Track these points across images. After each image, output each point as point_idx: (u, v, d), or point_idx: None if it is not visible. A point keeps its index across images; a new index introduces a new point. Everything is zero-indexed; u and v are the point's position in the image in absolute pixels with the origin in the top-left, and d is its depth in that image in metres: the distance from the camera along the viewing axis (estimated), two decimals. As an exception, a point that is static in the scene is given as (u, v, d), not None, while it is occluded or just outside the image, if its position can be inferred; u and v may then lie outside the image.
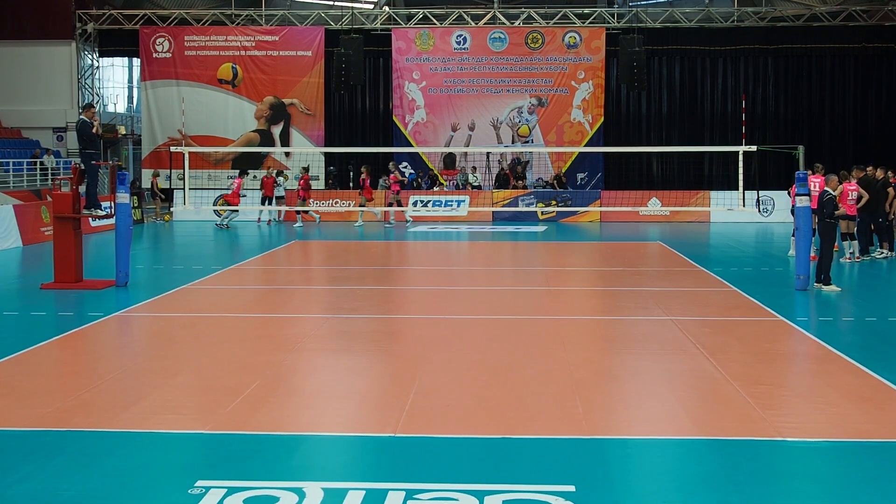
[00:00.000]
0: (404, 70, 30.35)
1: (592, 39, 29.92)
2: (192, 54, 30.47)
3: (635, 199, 27.05)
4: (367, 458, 6.27)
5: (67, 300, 12.94)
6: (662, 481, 5.80)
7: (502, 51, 30.09)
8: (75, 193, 14.17)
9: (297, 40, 30.44)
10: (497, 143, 30.24)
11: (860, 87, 30.53)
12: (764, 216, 26.36)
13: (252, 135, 30.52)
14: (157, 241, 23.06)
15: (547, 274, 16.26)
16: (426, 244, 22.34)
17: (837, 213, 13.96)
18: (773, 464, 6.05)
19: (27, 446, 6.34)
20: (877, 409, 7.36)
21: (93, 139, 14.47)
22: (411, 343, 10.32)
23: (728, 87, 30.71)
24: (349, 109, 31.33)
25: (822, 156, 26.28)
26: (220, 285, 14.69)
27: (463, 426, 6.84)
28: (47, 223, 20.85)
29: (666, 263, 17.53)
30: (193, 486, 5.52)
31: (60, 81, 30.47)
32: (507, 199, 27.80)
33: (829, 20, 29.63)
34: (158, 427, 6.73)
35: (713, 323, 11.08)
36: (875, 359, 8.94)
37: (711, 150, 28.22)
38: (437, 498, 5.39)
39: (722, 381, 8.16)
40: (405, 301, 13.86)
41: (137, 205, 26.53)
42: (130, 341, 10.69)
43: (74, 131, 18.45)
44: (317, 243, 22.19)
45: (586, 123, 30.08)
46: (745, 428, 6.78)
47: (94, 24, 30.74)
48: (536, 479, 5.69)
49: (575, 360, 8.96)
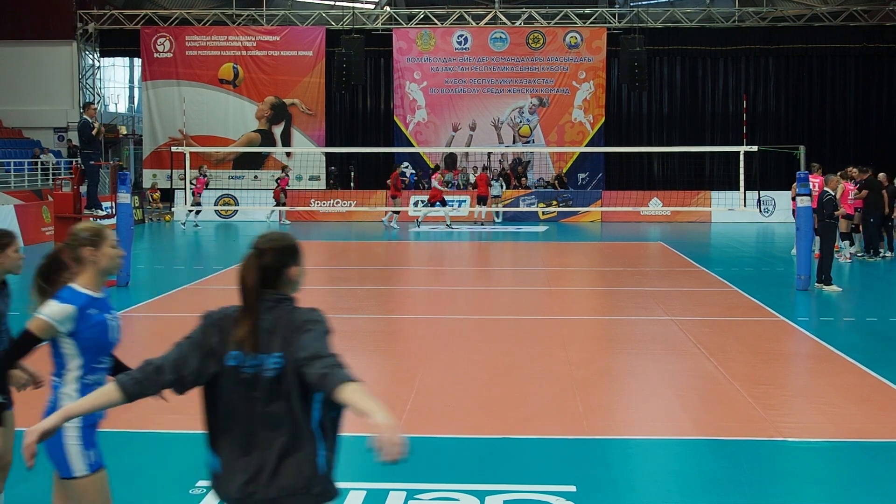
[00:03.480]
0: (405, 70, 30.35)
1: (593, 39, 29.91)
2: (193, 54, 30.47)
3: (636, 200, 27.06)
4: (367, 458, 6.26)
5: (68, 300, 12.94)
6: (663, 481, 5.80)
7: (503, 51, 30.09)
8: (76, 193, 14.19)
9: (298, 40, 30.44)
10: (498, 143, 30.24)
11: (861, 87, 30.51)
12: (765, 216, 26.36)
13: (253, 135, 30.51)
14: (157, 241, 23.06)
15: (548, 274, 16.26)
16: (426, 244, 22.34)
17: (837, 213, 13.95)
18: (774, 464, 6.05)
19: (28, 446, 6.34)
20: (877, 409, 7.36)
21: (92, 140, 14.48)
22: (412, 343, 10.32)
23: (729, 87, 30.70)
24: (350, 109, 31.32)
25: (823, 156, 26.26)
26: (221, 285, 14.68)
27: (464, 426, 6.85)
28: (48, 223, 20.86)
29: (667, 263, 17.52)
30: (195, 486, 5.53)
31: (61, 81, 30.47)
32: (508, 200, 27.79)
33: (830, 20, 29.62)
34: (159, 427, 6.73)
35: (714, 323, 11.08)
36: (876, 359, 8.93)
37: (712, 150, 28.21)
38: (438, 498, 5.39)
39: (722, 381, 8.15)
40: (406, 301, 13.86)
41: (138, 205, 26.56)
42: (131, 341, 10.68)
43: (76, 131, 18.48)
44: (317, 243, 22.19)
45: (587, 123, 30.07)
46: (746, 428, 6.78)
47: (95, 24, 30.75)
48: (537, 479, 5.69)
49: (575, 360, 8.96)
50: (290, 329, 3.07)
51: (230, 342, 3.08)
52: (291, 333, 3.06)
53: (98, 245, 3.79)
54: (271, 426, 3.04)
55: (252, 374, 3.05)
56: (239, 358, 3.06)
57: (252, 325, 3.06)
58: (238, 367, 3.06)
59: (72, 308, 3.73)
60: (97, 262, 3.80)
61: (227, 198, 28.98)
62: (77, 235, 3.81)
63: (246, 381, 3.06)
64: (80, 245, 3.79)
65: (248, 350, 3.05)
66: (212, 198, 28.43)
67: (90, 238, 3.79)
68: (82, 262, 3.80)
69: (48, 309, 3.74)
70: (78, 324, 3.76)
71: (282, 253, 3.24)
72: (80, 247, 3.79)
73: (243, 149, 29.96)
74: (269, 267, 3.18)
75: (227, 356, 3.08)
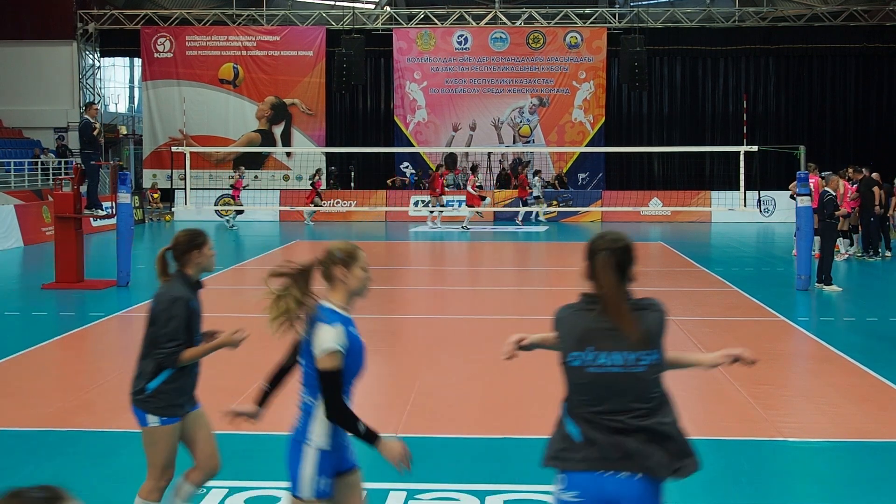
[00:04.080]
0: (405, 70, 30.34)
1: (593, 39, 29.91)
2: (194, 54, 30.47)
3: (636, 199, 27.05)
4: (368, 458, 6.27)
5: (69, 300, 12.95)
6: (663, 481, 5.79)
7: (503, 51, 30.09)
8: (76, 193, 14.18)
9: (298, 40, 30.43)
10: (498, 143, 30.24)
11: (861, 87, 30.50)
12: (765, 216, 26.36)
13: (253, 135, 30.51)
14: (157, 241, 23.07)
15: (548, 274, 16.26)
16: (426, 244, 22.34)
17: (838, 213, 13.95)
18: (774, 464, 6.05)
19: (28, 446, 6.35)
20: (877, 409, 7.36)
21: (92, 140, 14.48)
22: (412, 343, 10.32)
23: (729, 86, 30.70)
24: (350, 109, 31.32)
25: (823, 156, 26.27)
26: (222, 285, 14.68)
27: (464, 426, 6.85)
28: (48, 223, 20.86)
29: (667, 263, 17.52)
30: (194, 486, 5.52)
31: (61, 81, 30.46)
32: (509, 200, 27.78)
33: (830, 20, 29.62)
34: (160, 427, 6.73)
35: (714, 323, 11.08)
36: (876, 359, 8.93)
37: (712, 150, 28.20)
38: (439, 498, 5.39)
39: (723, 381, 8.15)
40: (406, 301, 13.86)
41: (139, 205, 26.58)
42: (132, 341, 10.66)
43: (76, 131, 18.49)
44: (318, 243, 22.20)
45: (587, 123, 30.07)
46: (746, 428, 6.78)
47: (96, 24, 30.74)
48: (537, 479, 5.68)
49: (576, 361, 8.94)
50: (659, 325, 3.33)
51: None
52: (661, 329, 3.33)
53: (349, 266, 3.74)
54: None
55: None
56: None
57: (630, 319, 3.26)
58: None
59: (342, 327, 3.64)
60: (347, 282, 3.75)
61: (226, 198, 28.98)
62: (331, 253, 3.76)
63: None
64: (332, 263, 3.75)
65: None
66: (212, 198, 28.44)
67: (343, 258, 3.75)
68: (333, 281, 3.76)
69: (328, 338, 3.60)
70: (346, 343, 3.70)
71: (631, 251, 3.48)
72: (333, 265, 3.75)
73: (243, 149, 29.96)
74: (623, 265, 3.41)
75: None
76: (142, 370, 4.52)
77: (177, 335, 4.40)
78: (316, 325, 3.66)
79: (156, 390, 4.46)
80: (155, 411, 4.46)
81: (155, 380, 4.46)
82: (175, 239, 4.60)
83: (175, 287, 4.50)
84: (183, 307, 4.44)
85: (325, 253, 3.78)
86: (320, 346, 3.60)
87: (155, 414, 4.46)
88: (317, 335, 3.63)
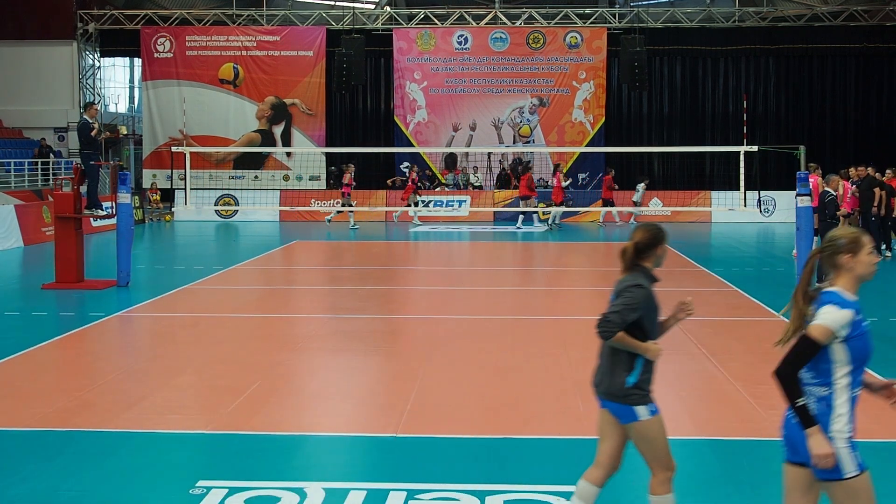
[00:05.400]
0: (405, 70, 30.34)
1: (594, 39, 29.90)
2: (194, 54, 30.47)
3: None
4: (368, 458, 6.27)
5: (69, 300, 12.95)
6: (663, 481, 5.79)
7: (503, 51, 30.08)
8: (76, 193, 14.18)
9: (298, 40, 30.43)
10: (498, 143, 30.23)
11: (861, 87, 30.50)
12: (765, 216, 26.35)
13: (253, 135, 30.51)
14: (157, 241, 23.06)
15: (548, 274, 16.26)
16: (427, 244, 22.34)
17: (839, 213, 13.95)
18: (774, 464, 6.04)
19: (29, 446, 6.34)
20: (878, 409, 7.33)
21: (91, 140, 14.48)
22: (412, 343, 10.32)
23: (729, 86, 30.69)
24: (350, 109, 31.31)
25: (823, 156, 26.27)
26: (222, 285, 14.69)
27: (464, 426, 6.84)
28: (48, 223, 20.87)
29: (667, 263, 17.35)
30: (195, 486, 5.52)
31: (62, 81, 30.46)
32: (509, 200, 27.78)
33: (830, 20, 29.62)
34: (160, 427, 6.73)
35: (714, 323, 11.08)
36: (876, 359, 8.88)
37: (712, 150, 28.19)
38: (439, 498, 5.39)
39: (723, 381, 8.15)
40: (406, 301, 13.86)
41: (139, 205, 26.57)
42: (132, 341, 10.69)
43: (76, 131, 18.47)
44: (318, 243, 22.21)
45: (587, 123, 30.07)
46: (747, 428, 6.78)
47: (96, 24, 30.74)
48: (537, 479, 5.69)
49: (575, 360, 8.95)
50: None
51: None
52: None
53: (856, 252, 3.86)
54: None
55: None
56: None
57: None
58: None
59: (851, 313, 3.76)
60: (854, 268, 3.87)
61: (227, 198, 29.01)
62: (835, 242, 3.90)
63: None
64: (837, 252, 3.88)
65: None
66: (212, 198, 28.44)
67: (848, 245, 3.87)
68: (839, 269, 3.89)
69: (831, 317, 3.75)
70: (851, 330, 3.81)
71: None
72: (839, 254, 3.87)
73: (244, 149, 29.96)
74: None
75: None
76: (614, 365, 4.55)
77: (623, 311, 4.47)
78: (824, 305, 3.81)
79: (636, 384, 4.48)
80: (641, 401, 4.46)
81: (633, 373, 4.49)
82: (638, 235, 4.78)
83: (638, 277, 4.68)
84: (640, 293, 4.58)
85: (827, 241, 3.93)
86: (820, 317, 3.77)
87: (643, 404, 4.46)
88: (822, 310, 3.79)
